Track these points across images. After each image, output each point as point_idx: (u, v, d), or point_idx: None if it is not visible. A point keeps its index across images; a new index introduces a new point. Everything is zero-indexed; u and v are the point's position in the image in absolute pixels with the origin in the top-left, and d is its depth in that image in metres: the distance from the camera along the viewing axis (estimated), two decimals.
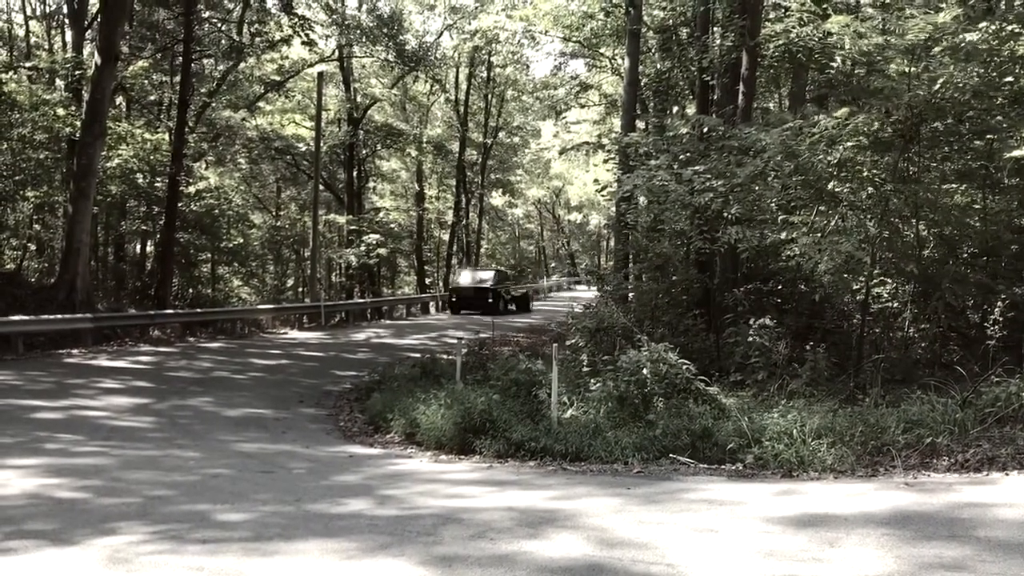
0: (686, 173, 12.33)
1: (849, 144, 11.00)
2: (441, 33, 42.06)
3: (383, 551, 5.20)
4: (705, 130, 14.13)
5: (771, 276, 13.30)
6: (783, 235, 11.24)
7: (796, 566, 4.88)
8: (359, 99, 41.13)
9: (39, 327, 18.26)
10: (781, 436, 8.20)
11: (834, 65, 14.92)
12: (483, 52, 41.77)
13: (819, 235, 11.16)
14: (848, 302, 12.84)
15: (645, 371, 9.79)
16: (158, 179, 29.35)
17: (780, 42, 15.40)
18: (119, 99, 30.69)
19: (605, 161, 20.76)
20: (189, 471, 7.94)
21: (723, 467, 8.17)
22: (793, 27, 14.76)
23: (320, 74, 35.20)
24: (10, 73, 26.73)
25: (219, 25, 31.91)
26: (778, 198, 12.39)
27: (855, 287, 11.95)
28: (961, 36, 10.14)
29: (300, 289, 42.95)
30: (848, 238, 10.74)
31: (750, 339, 11.20)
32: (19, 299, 20.88)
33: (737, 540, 5.44)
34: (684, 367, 9.92)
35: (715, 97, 17.55)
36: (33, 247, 31.31)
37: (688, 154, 13.55)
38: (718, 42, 17.10)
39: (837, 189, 11.74)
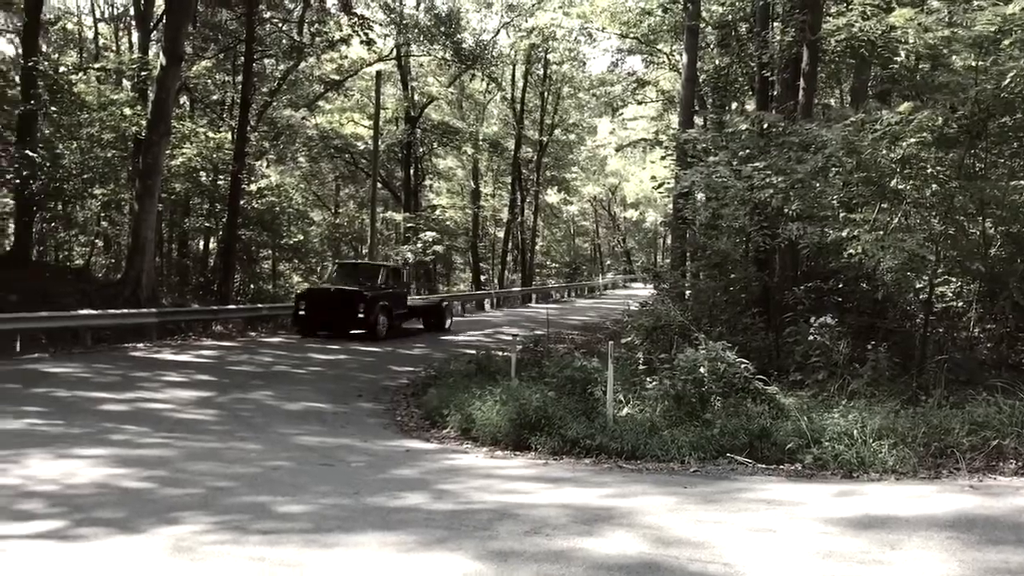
0: (746, 169, 12.19)
1: (913, 140, 10.75)
2: (498, 31, 42.17)
3: (440, 545, 5.25)
4: (765, 126, 13.94)
5: (832, 274, 13.08)
6: (844, 232, 11.03)
7: (856, 568, 4.81)
8: (416, 98, 41.43)
9: (106, 321, 18.74)
10: (841, 437, 8.08)
11: (897, 59, 14.62)
12: (540, 49, 41.79)
13: (882, 232, 10.94)
14: (911, 301, 12.56)
15: (702, 370, 9.72)
16: (221, 177, 29.92)
17: (842, 36, 15.09)
18: (183, 99, 31.36)
19: (663, 158, 20.62)
20: (250, 463, 8.09)
21: (782, 467, 8.08)
22: (855, 21, 14.48)
23: (378, 73, 35.53)
24: (80, 74, 27.47)
25: (280, 25, 32.39)
26: (839, 195, 12.18)
27: (918, 286, 11.69)
28: None
29: None
30: (912, 236, 10.52)
31: (810, 338, 11.04)
32: (87, 294, 21.46)
33: (795, 540, 5.39)
34: (742, 366, 9.83)
35: (775, 93, 17.30)
36: (100, 244, 32.18)
37: (747, 150, 13.38)
38: (778, 37, 16.87)
39: (900, 186, 11.49)
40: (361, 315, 21.14)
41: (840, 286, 13.06)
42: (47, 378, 12.98)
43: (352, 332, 21.53)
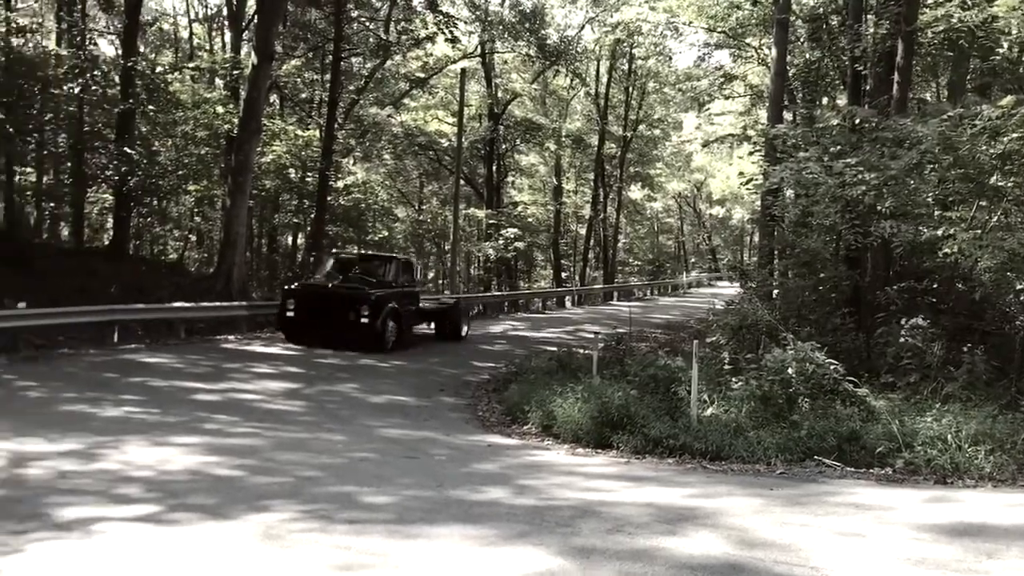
0: (837, 165, 11.90)
1: (1015, 135, 10.34)
2: (583, 26, 42.02)
3: (521, 539, 5.27)
4: (857, 121, 13.61)
5: (926, 274, 12.69)
6: (940, 231, 10.68)
7: None
8: (500, 94, 41.58)
9: (199, 314, 19.31)
10: (934, 441, 7.85)
11: (999, 51, 14.09)
12: (625, 44, 41.46)
13: (980, 231, 10.56)
14: (1011, 302, 12.09)
15: (790, 370, 9.54)
16: (309, 174, 30.53)
17: (939, 28, 14.65)
18: (273, 97, 32.10)
19: (751, 153, 20.30)
20: (336, 454, 8.25)
21: (871, 471, 7.89)
22: (954, 12, 14.01)
23: (463, 70, 35.76)
24: (175, 74, 28.36)
25: (367, 24, 32.87)
26: (935, 192, 11.81)
27: (1019, 287, 11.25)
28: None
29: (440, 281, 43.92)
30: (1012, 234, 10.13)
31: (902, 339, 10.74)
32: (181, 287, 22.14)
33: (885, 546, 5.25)
34: (831, 367, 9.61)
35: (867, 87, 16.84)
36: (194, 238, 33.21)
37: (839, 146, 13.07)
38: (871, 30, 16.41)
39: (1000, 183, 11.07)
40: (364, 319, 16.91)
41: (935, 286, 12.67)
42: (143, 368, 13.43)
43: (349, 342, 17.09)
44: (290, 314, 17.45)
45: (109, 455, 7.47)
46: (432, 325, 21.26)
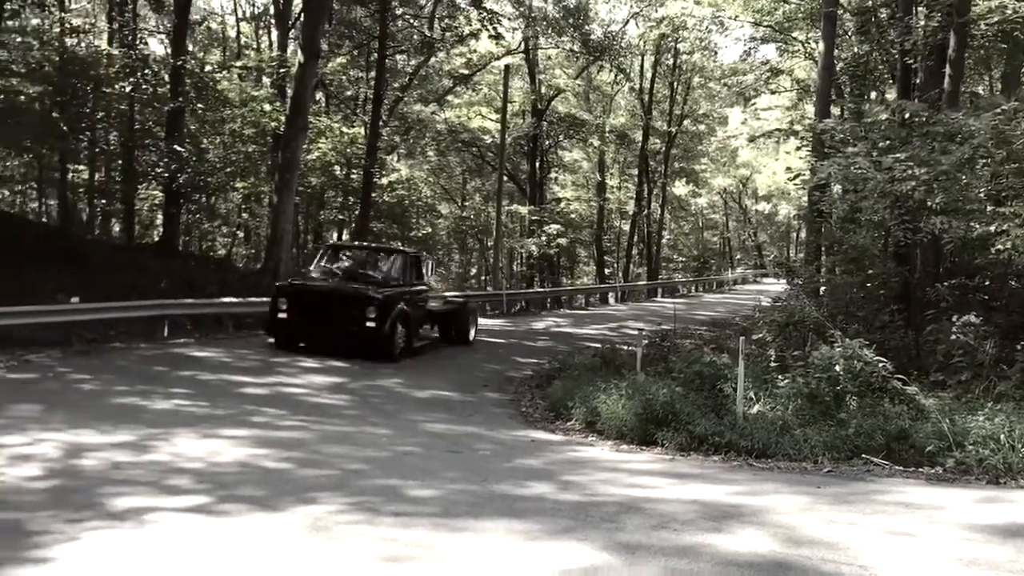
0: (886, 160, 11.72)
1: None
2: (627, 22, 41.79)
3: (566, 534, 5.28)
4: (907, 116, 13.38)
5: (978, 271, 12.46)
6: (992, 227, 10.48)
7: None
8: (543, 90, 41.55)
9: (246, 309, 19.55)
10: (986, 441, 7.71)
11: None
12: (669, 39, 41.17)
13: None
14: None
15: (838, 368, 9.42)
16: (354, 171, 30.79)
17: (993, 20, 14.35)
18: (319, 95, 32.39)
19: (797, 149, 20.06)
20: (381, 447, 8.32)
21: (920, 470, 7.77)
22: (1008, 3, 13.71)
23: (506, 67, 35.81)
24: (223, 72, 28.75)
25: (411, 21, 33.04)
26: (987, 187, 11.58)
27: None
28: None
29: (483, 277, 44.05)
30: None
31: (953, 337, 10.56)
32: (228, 283, 22.46)
33: (935, 546, 5.17)
34: (880, 365, 9.47)
35: (918, 81, 16.56)
36: (241, 235, 33.66)
37: (888, 141, 12.87)
38: (922, 22, 16.12)
39: None
40: (371, 323, 14.84)
41: (987, 283, 12.44)
42: (192, 362, 13.66)
43: (352, 348, 14.96)
44: (282, 315, 15.18)
45: (160, 447, 7.61)
46: (435, 328, 18.84)
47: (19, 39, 22.30)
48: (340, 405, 11.00)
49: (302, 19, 26.83)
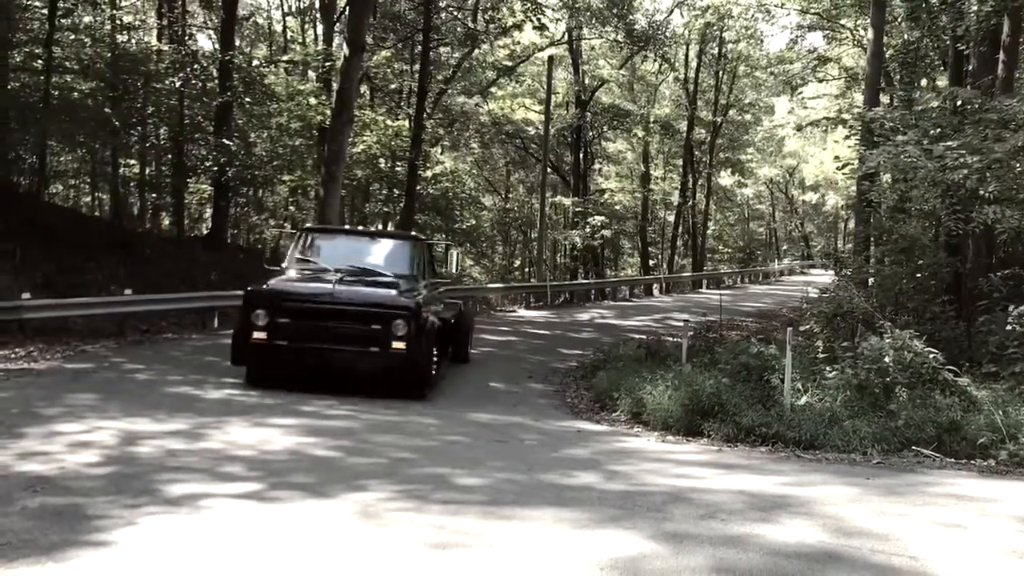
0: (937, 149, 11.51)
1: None
2: (671, 10, 41.41)
3: (613, 523, 5.30)
4: (959, 103, 13.14)
5: None
6: None
7: None
8: (587, 81, 41.35)
9: None
10: None
11: None
12: (714, 28, 40.76)
13: None
14: None
15: (888, 359, 9.32)
16: (399, 164, 30.94)
17: None
18: (364, 88, 32.58)
19: (846, 137, 19.73)
20: (429, 437, 8.41)
21: (972, 463, 7.68)
22: None
23: (550, 58, 35.73)
24: (270, 67, 29.07)
25: (455, 13, 33.10)
26: None
27: None
28: None
29: (527, 269, 44.06)
30: None
31: (1007, 328, 10.36)
32: (277, 275, 22.74)
33: (987, 538, 5.12)
34: (931, 356, 9.36)
35: (970, 68, 16.22)
36: (288, 227, 34.01)
37: (939, 129, 12.65)
38: (975, 7, 15.79)
39: None
40: (400, 346, 10.38)
41: None
42: None
43: (368, 382, 10.78)
44: (259, 336, 10.38)
45: (213, 435, 7.77)
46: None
47: (72, 37, 22.74)
48: (387, 394, 11.09)
49: (347, 13, 26.99)
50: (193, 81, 23.87)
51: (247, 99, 25.29)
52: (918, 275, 13.79)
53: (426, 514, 5.42)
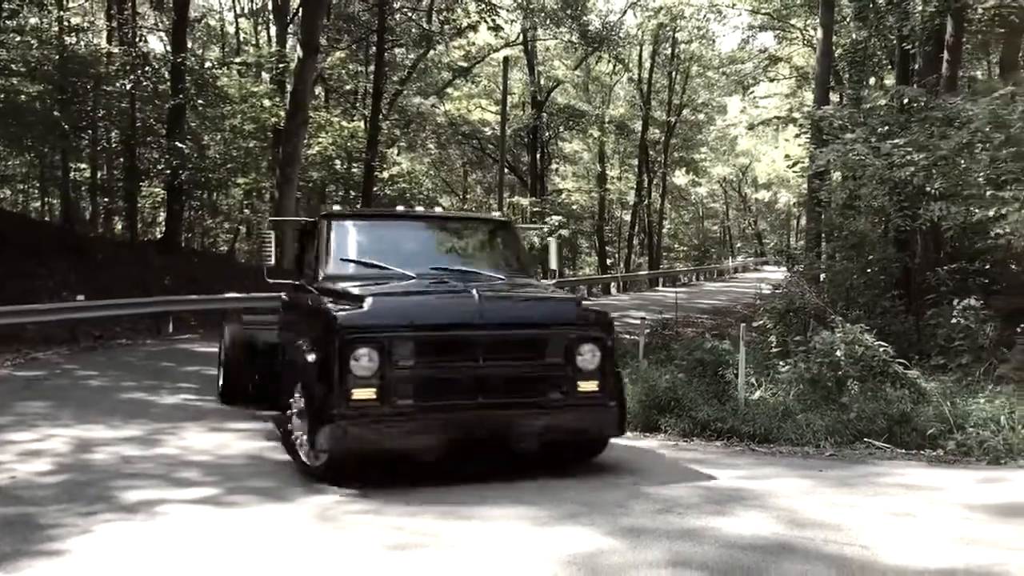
0: (885, 146, 11.75)
1: None
2: (625, 12, 41.72)
3: (572, 520, 5.35)
4: (905, 101, 13.42)
5: (978, 255, 12.50)
6: (992, 211, 10.53)
7: (1003, 555, 4.66)
8: (542, 82, 41.52)
9: (250, 304, 19.65)
10: (987, 423, 7.78)
11: None
12: (667, 29, 41.14)
13: None
14: None
15: (839, 353, 9.49)
16: (354, 165, 30.83)
17: (989, 4, 14.35)
18: (319, 89, 32.42)
19: (796, 136, 20.06)
20: None
21: (922, 453, 7.84)
22: None
23: (505, 59, 35.76)
24: (223, 69, 28.80)
25: (410, 14, 33.05)
26: (986, 172, 11.60)
27: None
28: None
29: None
30: None
31: (954, 321, 10.62)
32: (232, 278, 22.56)
33: (936, 526, 5.25)
34: (881, 349, 9.54)
35: (916, 67, 16.58)
36: (243, 230, 33.72)
37: (887, 127, 12.90)
38: (920, 8, 16.14)
39: None
40: (592, 392, 6.82)
41: (987, 267, 12.47)
42: (198, 357, 13.73)
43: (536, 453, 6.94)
44: (364, 394, 6.21)
45: (169, 440, 7.71)
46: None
47: (18, 38, 22.32)
48: None
49: (300, 14, 26.86)
50: (144, 83, 23.57)
51: (200, 101, 25.04)
52: (868, 270, 14.06)
53: (385, 516, 5.43)
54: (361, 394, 6.11)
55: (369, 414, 6.14)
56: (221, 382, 9.05)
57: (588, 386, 6.74)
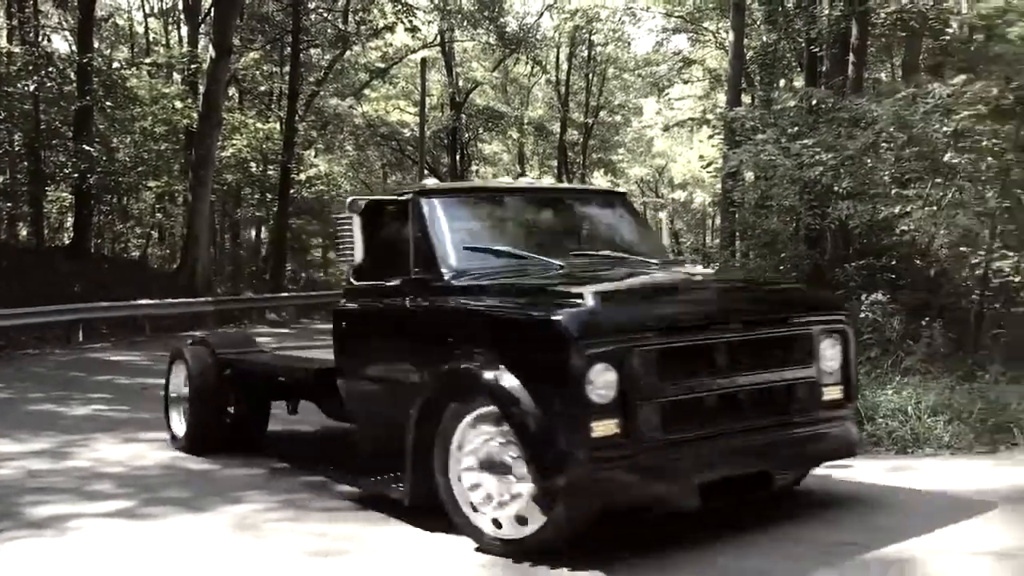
0: (794, 147, 12.08)
1: (966, 113, 10.57)
2: (541, 14, 42.00)
3: None
4: (814, 102, 13.81)
5: (884, 251, 12.92)
6: (897, 209, 10.91)
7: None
8: (461, 83, 41.51)
9: (164, 311, 19.22)
10: (895, 413, 8.02)
11: (950, 31, 14.36)
12: (584, 31, 41.54)
13: (935, 208, 10.80)
14: (966, 277, 12.38)
15: None
16: (271, 167, 30.36)
17: (891, 9, 14.89)
18: (232, 90, 31.82)
19: (710, 137, 20.51)
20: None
21: None
22: None
23: (423, 60, 35.60)
24: (132, 69, 28.06)
25: (325, 15, 32.69)
26: (891, 171, 12.02)
27: (974, 261, 11.52)
28: None
29: None
30: (965, 211, 10.36)
31: (862, 315, 10.94)
32: (144, 284, 22.00)
33: None
34: None
35: (824, 69, 17.10)
36: (156, 235, 32.91)
37: (796, 127, 13.26)
38: (826, 12, 16.65)
39: (954, 160, 11.32)
40: (838, 401, 5.37)
41: (893, 263, 12.91)
42: (110, 366, 13.36)
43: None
44: (605, 428, 4.33)
45: (80, 453, 7.47)
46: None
47: None
48: None
49: (213, 14, 26.31)
50: (49, 84, 22.81)
51: (108, 103, 24.37)
52: (781, 267, 14.41)
53: (306, 523, 5.35)
54: (603, 428, 4.31)
55: (613, 456, 4.35)
56: (182, 427, 7.63)
57: (833, 393, 5.32)
